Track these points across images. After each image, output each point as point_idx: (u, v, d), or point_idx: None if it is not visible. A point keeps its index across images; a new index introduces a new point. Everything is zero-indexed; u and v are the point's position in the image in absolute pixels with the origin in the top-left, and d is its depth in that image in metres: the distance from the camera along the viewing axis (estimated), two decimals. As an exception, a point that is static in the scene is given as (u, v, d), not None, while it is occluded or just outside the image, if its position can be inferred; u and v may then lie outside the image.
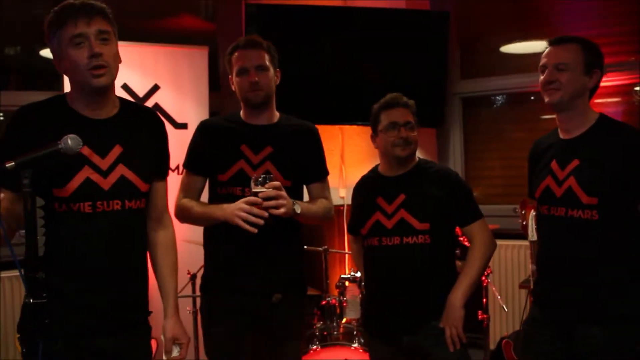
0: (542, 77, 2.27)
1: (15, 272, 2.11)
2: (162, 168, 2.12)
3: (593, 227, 2.16)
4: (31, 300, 1.64)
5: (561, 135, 2.31)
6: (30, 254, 1.67)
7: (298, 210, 2.36)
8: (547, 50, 2.28)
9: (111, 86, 1.91)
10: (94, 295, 1.88)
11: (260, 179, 2.27)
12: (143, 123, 2.05)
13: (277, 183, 2.29)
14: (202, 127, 2.55)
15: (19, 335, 1.87)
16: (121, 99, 2.02)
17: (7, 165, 1.63)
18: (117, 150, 1.92)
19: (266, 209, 2.26)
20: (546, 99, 2.26)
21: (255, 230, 2.26)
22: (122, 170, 1.92)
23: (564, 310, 2.24)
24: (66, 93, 1.95)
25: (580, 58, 2.22)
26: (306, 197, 2.62)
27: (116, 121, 1.95)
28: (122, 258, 1.94)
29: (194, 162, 2.53)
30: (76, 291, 1.87)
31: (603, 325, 2.14)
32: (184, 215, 2.51)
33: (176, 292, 2.16)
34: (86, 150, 1.85)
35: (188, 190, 2.52)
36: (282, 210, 2.27)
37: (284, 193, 2.29)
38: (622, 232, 2.17)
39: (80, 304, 1.87)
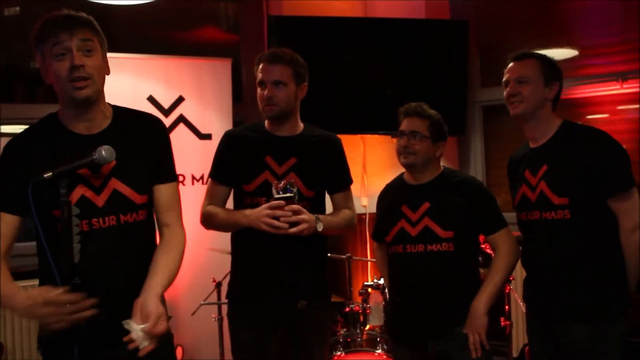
0: (505, 91, 2.42)
1: (30, 282, 2.14)
2: (161, 173, 2.01)
3: (566, 226, 2.27)
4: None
5: (531, 145, 2.46)
6: (67, 261, 1.72)
7: (320, 229, 2.42)
8: (509, 66, 2.43)
9: (98, 97, 1.87)
10: (103, 312, 1.78)
11: (281, 187, 2.33)
12: (138, 130, 1.99)
13: (296, 207, 2.36)
14: (227, 137, 2.60)
15: (37, 346, 1.90)
16: (114, 107, 1.98)
17: (45, 176, 1.70)
18: (109, 164, 1.85)
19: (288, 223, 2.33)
20: (511, 112, 2.43)
21: (283, 231, 2.32)
22: (115, 184, 1.88)
23: (548, 310, 2.34)
24: (58, 110, 1.92)
25: (539, 71, 2.37)
26: (329, 205, 2.66)
27: (108, 133, 1.90)
28: (125, 272, 1.88)
29: (219, 172, 2.58)
30: None
31: (585, 322, 2.23)
32: (209, 222, 2.56)
33: (159, 288, 1.87)
34: None
35: (213, 199, 2.57)
36: (303, 232, 2.36)
37: (305, 216, 2.36)
38: (596, 229, 2.28)
39: (91, 319, 1.78)
